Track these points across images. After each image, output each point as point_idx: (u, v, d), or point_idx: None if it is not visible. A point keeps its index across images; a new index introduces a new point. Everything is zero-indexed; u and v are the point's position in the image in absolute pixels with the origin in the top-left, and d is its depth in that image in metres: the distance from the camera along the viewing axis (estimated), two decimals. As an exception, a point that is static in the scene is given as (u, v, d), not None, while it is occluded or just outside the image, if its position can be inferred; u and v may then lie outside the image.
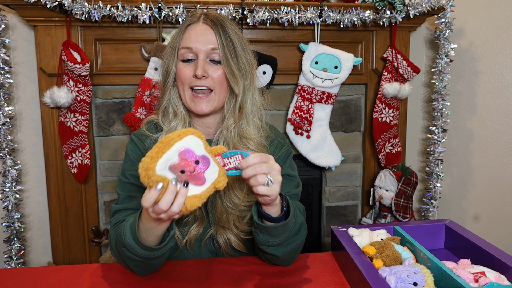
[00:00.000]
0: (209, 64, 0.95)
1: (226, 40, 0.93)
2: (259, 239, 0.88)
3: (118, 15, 1.61)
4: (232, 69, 0.94)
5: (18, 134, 1.84)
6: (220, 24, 0.94)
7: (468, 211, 2.11)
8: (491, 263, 0.85)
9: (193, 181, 0.70)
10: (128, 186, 0.98)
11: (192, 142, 0.71)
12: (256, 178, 0.75)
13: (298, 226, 0.90)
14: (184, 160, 0.69)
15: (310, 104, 1.88)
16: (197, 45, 0.93)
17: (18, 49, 1.79)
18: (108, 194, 1.87)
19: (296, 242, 0.91)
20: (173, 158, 0.68)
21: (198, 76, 0.92)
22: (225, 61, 0.93)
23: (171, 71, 0.97)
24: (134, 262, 0.86)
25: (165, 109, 1.01)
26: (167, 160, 0.68)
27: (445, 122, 1.97)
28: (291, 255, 0.93)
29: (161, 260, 0.89)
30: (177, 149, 0.69)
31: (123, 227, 0.84)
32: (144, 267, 0.88)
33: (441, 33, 1.89)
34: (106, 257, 1.78)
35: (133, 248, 0.81)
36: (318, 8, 1.75)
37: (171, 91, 0.99)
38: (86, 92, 1.70)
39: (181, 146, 0.69)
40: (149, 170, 0.66)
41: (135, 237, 0.80)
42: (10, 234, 1.73)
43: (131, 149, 1.02)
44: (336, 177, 2.06)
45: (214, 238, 1.01)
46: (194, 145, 0.71)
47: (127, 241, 0.81)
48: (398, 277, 0.76)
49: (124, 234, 0.82)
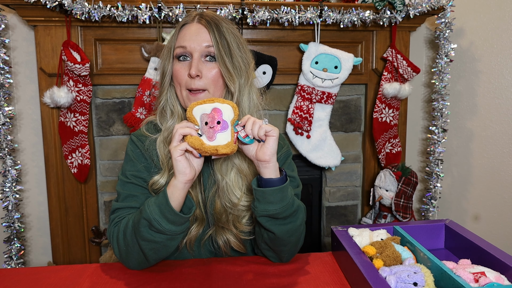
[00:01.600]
0: (203, 63, 0.95)
1: (220, 39, 0.93)
2: (257, 210, 0.89)
3: (118, 15, 1.61)
4: (227, 67, 0.94)
5: (18, 134, 1.84)
6: (214, 23, 0.94)
7: (468, 211, 2.11)
8: (491, 263, 0.85)
9: (207, 134, 0.84)
10: (128, 186, 0.98)
11: (227, 110, 0.85)
12: (255, 122, 0.86)
13: (295, 207, 0.91)
14: (212, 116, 0.85)
15: (310, 104, 1.88)
16: (191, 44, 0.93)
17: (18, 49, 1.79)
18: (108, 194, 1.87)
19: (294, 223, 0.92)
20: (206, 110, 0.85)
21: (192, 75, 0.92)
22: (220, 58, 0.93)
23: (167, 71, 0.98)
24: (152, 244, 0.87)
25: (162, 109, 1.01)
26: (203, 110, 0.85)
27: (445, 122, 1.97)
28: (289, 238, 0.93)
29: (176, 242, 0.90)
30: (213, 106, 0.85)
31: (147, 203, 0.87)
32: (160, 249, 0.88)
33: (441, 33, 1.89)
34: (106, 257, 1.78)
35: (159, 222, 0.84)
36: (318, 8, 1.75)
37: (168, 91, 1.00)
38: (86, 92, 1.70)
39: (217, 106, 0.85)
40: (190, 110, 0.86)
41: (163, 210, 0.84)
42: (10, 234, 1.73)
43: (131, 150, 1.02)
44: (336, 177, 2.06)
45: (213, 239, 1.01)
46: (226, 112, 0.85)
47: (153, 215, 0.84)
48: (398, 277, 0.76)
49: (149, 209, 0.85)
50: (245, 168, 0.98)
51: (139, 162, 1.00)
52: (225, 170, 0.97)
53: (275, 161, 0.88)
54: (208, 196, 1.00)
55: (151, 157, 1.00)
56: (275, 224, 0.90)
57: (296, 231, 0.94)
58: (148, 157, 1.00)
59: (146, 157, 1.00)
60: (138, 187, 0.98)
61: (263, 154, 0.86)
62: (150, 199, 0.88)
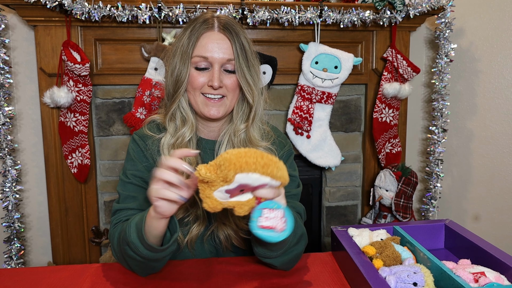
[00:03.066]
0: (223, 73, 0.95)
1: (241, 51, 0.93)
2: (257, 251, 0.88)
3: (118, 15, 1.61)
4: (247, 80, 0.94)
5: (18, 134, 1.84)
6: (235, 33, 0.93)
7: (468, 211, 2.11)
8: (491, 263, 0.85)
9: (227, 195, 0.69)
10: (129, 186, 0.98)
11: (270, 184, 0.69)
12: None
13: (298, 238, 0.90)
14: (251, 189, 0.69)
15: (310, 104, 1.88)
16: (213, 55, 0.92)
17: (18, 49, 1.79)
18: (108, 194, 1.87)
19: (295, 252, 0.91)
20: (252, 183, 0.67)
21: (214, 87, 0.92)
22: (241, 72, 0.94)
23: (184, 79, 0.95)
24: (135, 262, 0.86)
25: (172, 115, 1.00)
26: (250, 180, 0.66)
27: (445, 122, 1.97)
28: (289, 264, 0.93)
29: (161, 264, 0.89)
30: (263, 181, 0.67)
31: (129, 224, 0.84)
32: (145, 267, 0.88)
33: (441, 33, 1.89)
34: (106, 257, 1.78)
35: (136, 246, 0.81)
36: (318, 8, 1.75)
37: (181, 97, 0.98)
38: (86, 92, 1.70)
39: (266, 182, 0.67)
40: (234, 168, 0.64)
41: (140, 235, 0.80)
42: (10, 234, 1.73)
43: (132, 149, 1.02)
44: (336, 177, 2.06)
45: (215, 234, 1.02)
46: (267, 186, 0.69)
47: (131, 239, 0.81)
48: (398, 277, 0.76)
49: (129, 231, 0.82)
50: None
51: (140, 161, 1.00)
52: None
53: None
54: None
55: (152, 157, 1.00)
56: (275, 260, 0.89)
57: (299, 255, 0.94)
58: (150, 156, 1.00)
59: (148, 157, 1.00)
60: (137, 187, 0.98)
61: None
62: (134, 218, 0.84)
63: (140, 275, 0.91)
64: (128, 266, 0.90)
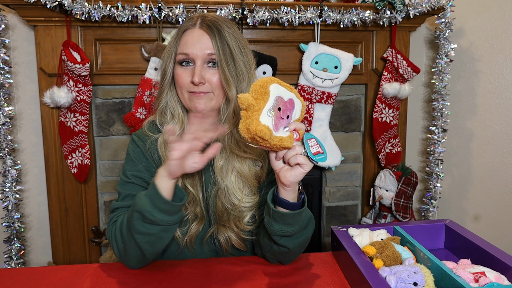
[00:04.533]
0: (206, 69, 0.95)
1: (222, 45, 0.93)
2: (273, 229, 0.86)
3: (118, 15, 1.61)
4: (226, 75, 0.93)
5: (18, 134, 1.84)
6: (216, 28, 0.94)
7: (468, 211, 2.11)
8: (491, 263, 0.85)
9: (274, 122, 0.74)
10: (128, 186, 0.98)
11: (298, 107, 0.80)
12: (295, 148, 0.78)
13: (308, 220, 0.91)
14: (286, 105, 0.77)
15: (310, 104, 1.88)
16: (194, 51, 0.93)
17: (18, 49, 1.79)
18: (108, 194, 1.87)
19: (305, 236, 0.92)
20: (284, 95, 0.77)
21: (195, 83, 0.93)
22: (220, 66, 0.93)
23: (168, 73, 0.98)
24: (146, 238, 0.86)
25: (162, 111, 1.01)
26: (281, 92, 0.76)
27: (445, 122, 1.97)
28: (299, 249, 0.94)
29: (170, 234, 0.89)
30: (291, 96, 0.78)
31: (137, 196, 0.85)
32: (155, 242, 0.87)
33: (441, 33, 1.89)
34: (106, 257, 1.78)
35: (151, 213, 0.82)
36: (318, 8, 1.75)
37: (167, 93, 0.99)
38: (86, 92, 1.70)
39: (294, 98, 0.78)
40: (265, 83, 0.73)
41: (153, 199, 0.82)
42: (10, 234, 1.73)
43: (132, 149, 1.02)
44: (336, 177, 2.06)
45: (215, 236, 1.02)
46: (297, 109, 0.80)
47: (145, 207, 0.82)
48: (398, 277, 0.76)
49: (140, 203, 0.83)
50: (246, 171, 0.98)
51: (140, 162, 1.00)
52: (225, 173, 0.97)
53: (295, 187, 0.85)
54: (210, 195, 1.00)
55: (152, 157, 1.00)
56: (290, 240, 0.89)
57: (308, 240, 0.95)
58: (149, 156, 1.00)
59: (147, 157, 1.00)
60: (138, 187, 0.98)
61: (284, 178, 0.81)
62: (140, 193, 0.87)
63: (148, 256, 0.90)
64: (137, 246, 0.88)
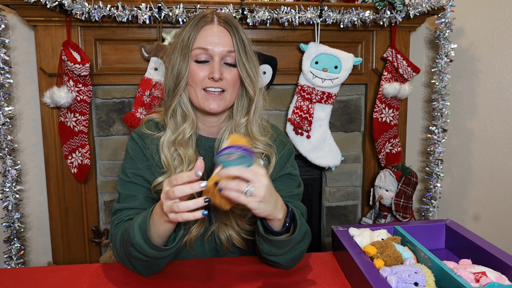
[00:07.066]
0: (223, 66, 0.95)
1: (241, 43, 0.94)
2: (263, 248, 0.87)
3: (118, 15, 1.61)
4: (248, 72, 0.95)
5: (18, 134, 1.84)
6: (234, 27, 0.94)
7: (468, 211, 2.11)
8: (492, 263, 0.85)
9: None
10: (129, 185, 0.98)
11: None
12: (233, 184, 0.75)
13: (302, 235, 0.89)
14: None
15: (310, 104, 1.88)
16: (214, 47, 0.93)
17: (18, 49, 1.79)
18: (108, 194, 1.87)
19: (299, 250, 0.91)
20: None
21: (215, 79, 0.92)
22: (241, 64, 0.94)
23: (184, 73, 0.94)
24: (141, 262, 0.86)
25: (173, 111, 0.99)
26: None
27: (445, 122, 1.97)
28: (293, 262, 0.93)
29: (167, 260, 0.89)
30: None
31: (132, 226, 0.83)
32: (150, 267, 0.88)
33: (441, 33, 1.89)
34: (106, 257, 1.77)
35: (141, 247, 0.81)
36: (318, 8, 1.75)
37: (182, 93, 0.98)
38: (86, 92, 1.70)
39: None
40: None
41: (145, 236, 0.80)
42: (10, 234, 1.72)
43: (131, 147, 1.02)
44: (336, 177, 2.06)
45: (216, 235, 1.01)
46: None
47: (136, 240, 0.81)
48: (399, 277, 0.76)
49: (133, 233, 0.82)
50: None
51: (139, 160, 0.99)
52: None
53: (275, 216, 0.79)
54: None
55: (151, 155, 1.00)
56: (281, 257, 0.88)
57: (302, 253, 0.94)
58: (149, 155, 1.00)
59: (147, 155, 1.00)
60: (138, 186, 0.97)
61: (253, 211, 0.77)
62: (136, 219, 0.84)
63: (144, 275, 0.91)
64: (132, 266, 0.89)
